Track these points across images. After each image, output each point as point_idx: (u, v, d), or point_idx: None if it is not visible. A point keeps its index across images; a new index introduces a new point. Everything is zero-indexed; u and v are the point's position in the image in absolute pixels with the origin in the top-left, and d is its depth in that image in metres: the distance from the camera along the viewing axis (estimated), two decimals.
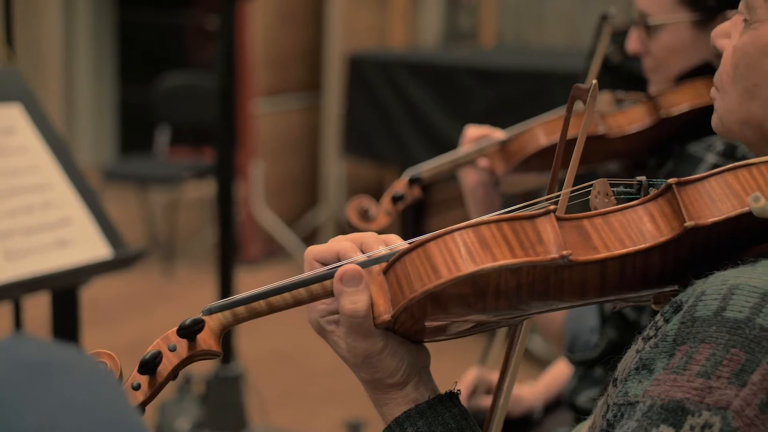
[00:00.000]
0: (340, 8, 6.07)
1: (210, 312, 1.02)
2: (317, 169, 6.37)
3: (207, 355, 1.01)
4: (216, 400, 3.48)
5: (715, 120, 1.15)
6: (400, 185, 1.94)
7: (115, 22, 8.61)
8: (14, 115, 2.19)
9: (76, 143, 8.16)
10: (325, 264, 1.05)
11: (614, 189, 1.05)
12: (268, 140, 6.16)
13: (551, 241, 0.95)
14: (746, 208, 0.95)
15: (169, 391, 3.36)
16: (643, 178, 1.05)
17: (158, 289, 5.71)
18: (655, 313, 0.99)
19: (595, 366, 1.88)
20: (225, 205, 3.53)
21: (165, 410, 3.50)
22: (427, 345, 1.09)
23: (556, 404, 2.18)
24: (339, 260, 1.04)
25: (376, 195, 2.02)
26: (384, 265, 1.01)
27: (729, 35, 1.12)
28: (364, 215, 1.92)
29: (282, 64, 6.25)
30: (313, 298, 1.04)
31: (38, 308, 2.62)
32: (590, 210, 1.02)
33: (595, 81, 1.03)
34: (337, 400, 4.21)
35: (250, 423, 3.55)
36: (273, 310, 1.03)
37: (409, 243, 1.00)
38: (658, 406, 0.88)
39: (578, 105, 1.08)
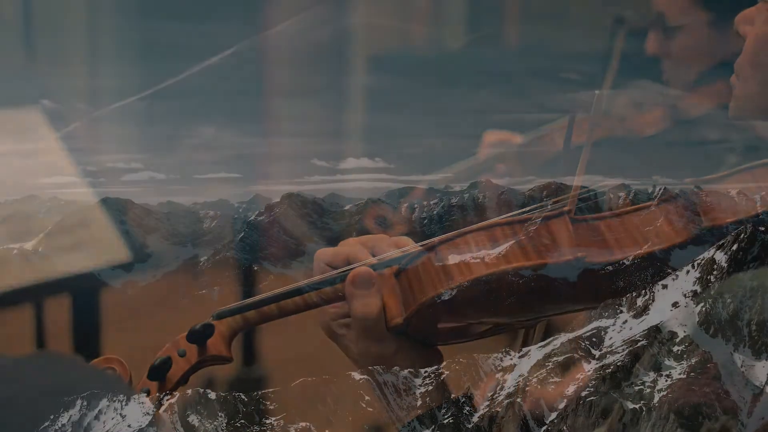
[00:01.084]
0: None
1: (220, 316, 1.01)
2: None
3: (217, 360, 1.00)
4: (237, 401, 3.48)
5: (732, 106, 1.12)
6: (417, 193, 1.92)
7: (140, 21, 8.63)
8: (37, 117, 2.19)
9: (99, 146, 8.17)
10: (334, 268, 1.04)
11: (630, 190, 1.04)
12: None
13: (565, 242, 0.94)
14: (763, 209, 0.93)
15: (189, 391, 3.37)
16: (658, 177, 1.04)
17: (181, 290, 5.72)
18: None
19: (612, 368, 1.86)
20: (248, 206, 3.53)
21: (185, 412, 3.50)
22: (441, 348, 1.07)
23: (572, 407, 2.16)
24: (349, 263, 1.03)
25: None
26: (396, 268, 1.00)
27: (753, 22, 1.09)
28: (382, 222, 1.91)
29: (306, 65, 6.24)
30: (325, 301, 1.03)
31: (59, 310, 2.63)
32: (606, 211, 1.01)
33: (598, 92, 1.01)
34: (358, 402, 4.20)
35: (270, 424, 3.54)
36: (284, 314, 1.02)
37: (421, 245, 0.99)
38: (674, 411, 0.87)
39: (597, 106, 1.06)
